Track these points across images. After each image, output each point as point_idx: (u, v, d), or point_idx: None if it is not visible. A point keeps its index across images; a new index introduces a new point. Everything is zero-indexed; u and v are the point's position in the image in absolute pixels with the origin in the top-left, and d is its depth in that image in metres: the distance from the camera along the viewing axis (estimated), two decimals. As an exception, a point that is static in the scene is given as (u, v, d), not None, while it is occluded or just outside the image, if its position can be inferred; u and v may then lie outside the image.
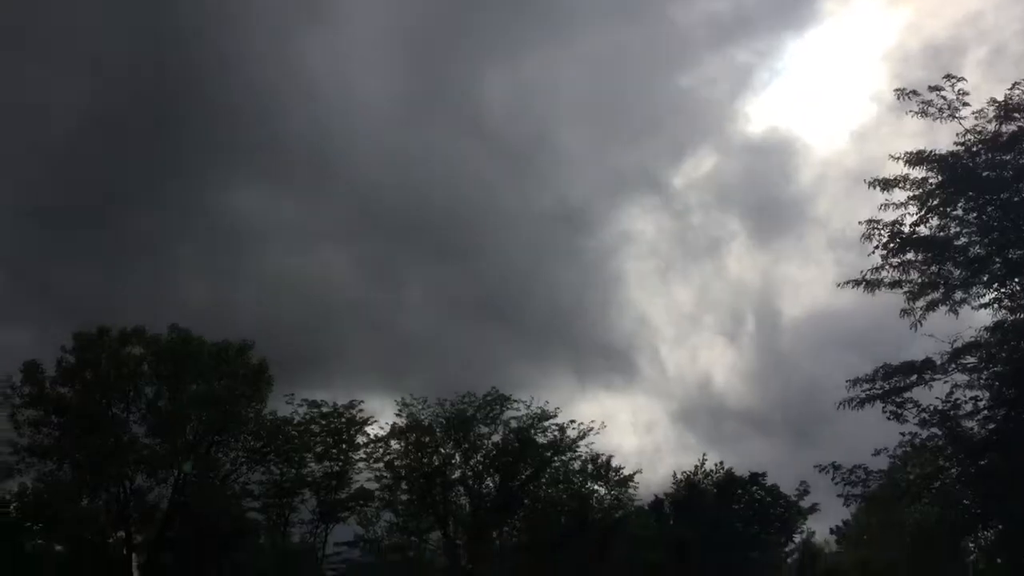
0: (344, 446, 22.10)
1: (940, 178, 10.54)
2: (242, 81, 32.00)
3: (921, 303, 10.76)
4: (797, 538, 25.91)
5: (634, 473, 22.19)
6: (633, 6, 35.30)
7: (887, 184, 10.71)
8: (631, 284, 32.88)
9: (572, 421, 21.87)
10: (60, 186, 30.05)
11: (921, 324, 10.69)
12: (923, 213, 10.59)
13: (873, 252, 10.68)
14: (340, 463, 22.05)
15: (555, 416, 21.79)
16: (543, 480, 22.28)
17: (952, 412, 10.82)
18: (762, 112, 36.66)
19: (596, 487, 22.40)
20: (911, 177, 10.64)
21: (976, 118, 10.51)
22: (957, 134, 10.63)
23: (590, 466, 22.28)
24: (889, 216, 10.80)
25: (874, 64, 33.73)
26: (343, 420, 22.13)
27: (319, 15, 34.30)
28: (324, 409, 22.11)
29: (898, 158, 10.61)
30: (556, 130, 33.32)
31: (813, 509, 24.20)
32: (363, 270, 32.14)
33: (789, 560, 26.97)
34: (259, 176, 32.40)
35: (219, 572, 20.10)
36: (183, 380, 21.11)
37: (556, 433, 21.95)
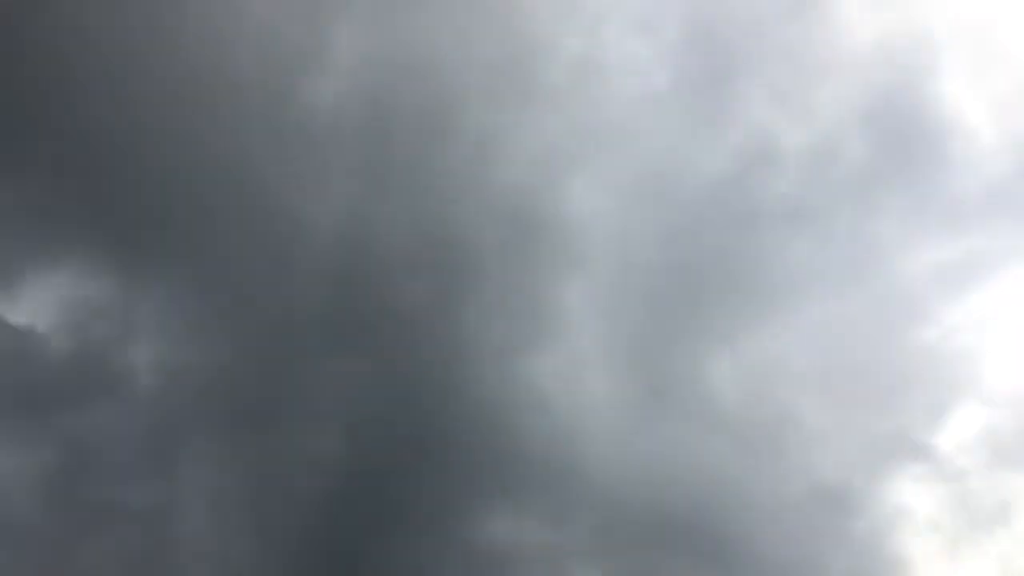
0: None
1: None
2: (478, 406, 34.33)
3: None
4: None
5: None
6: (854, 268, 31.93)
7: None
8: (917, 565, 28.99)
9: None
10: (319, 540, 33.94)
11: None
12: None
13: None
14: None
15: None
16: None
17: None
18: (1021, 354, 31.10)
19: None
20: None
21: None
22: None
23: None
24: None
25: None
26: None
27: (544, 333, 35.33)
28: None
29: None
30: (797, 407, 31.05)
31: None
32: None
33: None
34: (504, 499, 34.16)
35: None
36: None
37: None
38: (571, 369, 39.39)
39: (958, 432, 31.90)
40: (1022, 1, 29.60)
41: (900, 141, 30.77)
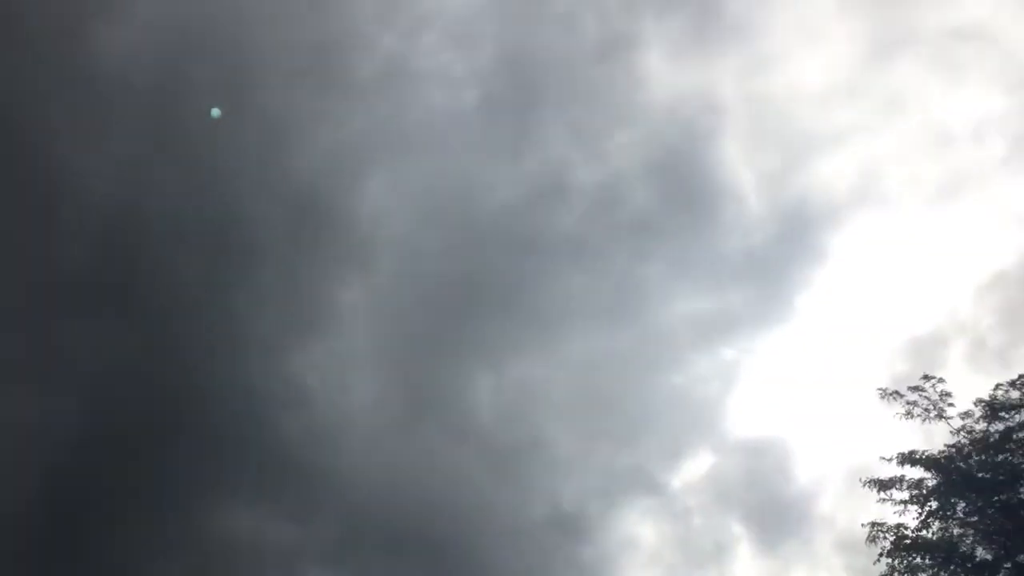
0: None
1: (936, 479, 10.58)
2: (237, 394, 33.54)
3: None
4: None
5: None
6: (621, 308, 34.57)
7: (883, 485, 10.82)
8: None
9: None
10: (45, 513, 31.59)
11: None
12: (924, 517, 10.62)
13: (878, 560, 10.74)
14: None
15: None
16: None
17: None
18: (753, 408, 35.15)
19: None
20: (906, 478, 10.74)
21: (963, 418, 10.63)
22: (950, 432, 10.72)
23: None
24: (894, 516, 10.86)
25: (858, 354, 32.08)
26: None
27: (315, 329, 35.34)
28: None
29: (890, 459, 10.78)
30: (549, 434, 32.95)
31: None
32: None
33: None
34: (252, 494, 33.50)
35: None
36: None
37: None
38: (337, 369, 38.81)
39: (688, 473, 34.15)
40: (801, 84, 32.37)
41: (678, 195, 32.59)
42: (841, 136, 35.09)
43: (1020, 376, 10.99)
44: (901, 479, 10.90)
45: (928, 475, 10.80)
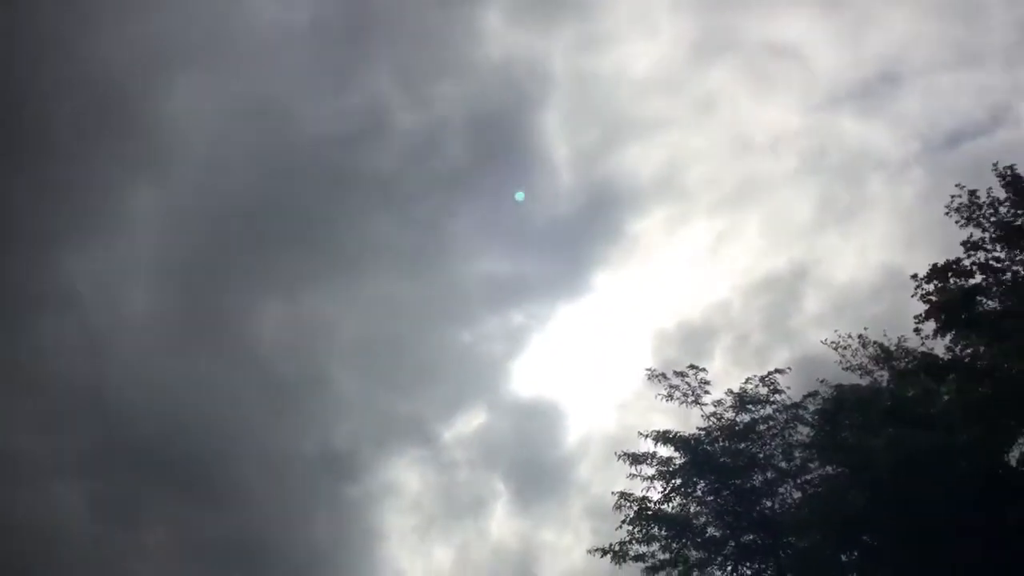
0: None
1: (683, 459, 11.40)
2: None
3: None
4: None
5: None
6: (423, 257, 35.28)
7: (636, 459, 11.54)
8: (392, 538, 32.33)
9: None
10: None
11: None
12: (668, 492, 11.43)
13: (620, 526, 11.39)
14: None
15: None
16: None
17: None
18: (532, 373, 37.42)
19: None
20: (658, 455, 11.51)
21: (715, 406, 11.54)
22: (702, 417, 11.59)
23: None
24: (641, 488, 11.61)
25: (637, 335, 35.34)
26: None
27: (95, 230, 33.15)
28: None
29: (647, 436, 11.51)
30: (331, 371, 33.21)
31: None
32: (100, 508, 31.41)
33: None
34: None
35: None
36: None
37: None
38: (114, 277, 36.35)
39: (461, 428, 34.80)
40: (626, 69, 33.29)
41: (495, 156, 32.76)
42: (654, 126, 36.45)
43: (769, 373, 12.06)
44: (653, 455, 11.65)
45: (677, 455, 11.65)
